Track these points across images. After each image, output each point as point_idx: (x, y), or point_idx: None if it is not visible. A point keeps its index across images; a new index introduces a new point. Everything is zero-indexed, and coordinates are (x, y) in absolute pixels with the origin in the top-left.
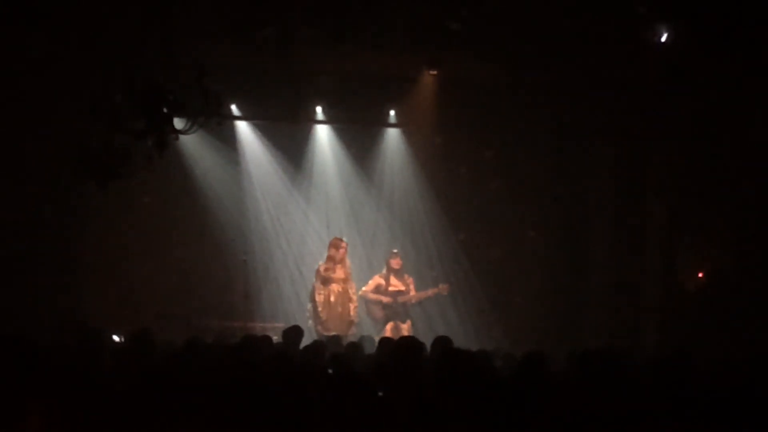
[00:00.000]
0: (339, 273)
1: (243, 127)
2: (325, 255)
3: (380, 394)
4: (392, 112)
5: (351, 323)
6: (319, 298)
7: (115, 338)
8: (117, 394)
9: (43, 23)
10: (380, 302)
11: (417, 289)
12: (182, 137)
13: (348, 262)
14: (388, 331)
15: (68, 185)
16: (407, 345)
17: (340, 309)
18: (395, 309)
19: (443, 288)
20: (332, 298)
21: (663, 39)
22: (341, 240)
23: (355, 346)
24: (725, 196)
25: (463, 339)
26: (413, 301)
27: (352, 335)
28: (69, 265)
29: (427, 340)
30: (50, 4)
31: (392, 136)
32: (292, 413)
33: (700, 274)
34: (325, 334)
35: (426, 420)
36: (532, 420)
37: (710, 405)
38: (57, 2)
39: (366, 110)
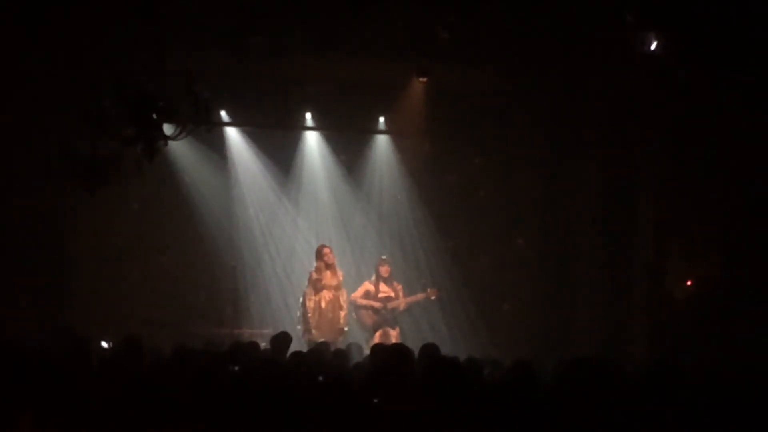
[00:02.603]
0: (331, 280)
1: (232, 134)
2: (314, 262)
3: (375, 401)
4: (381, 119)
5: (341, 330)
6: (310, 304)
7: (104, 344)
8: (105, 401)
9: (34, 29)
10: (370, 308)
11: (405, 297)
12: (171, 143)
13: (340, 270)
14: (377, 338)
15: (57, 191)
16: (399, 352)
17: (330, 316)
18: (384, 315)
19: (432, 292)
20: (323, 305)
21: (651, 47)
22: (324, 246)
23: (343, 354)
24: (714, 203)
25: (451, 347)
26: (402, 307)
27: (340, 342)
28: (57, 271)
29: (416, 348)
30: (41, 10)
31: (381, 143)
32: (279, 420)
33: (689, 282)
34: (314, 340)
35: (413, 427)
36: (520, 428)
37: (700, 413)
38: (47, 8)
39: (355, 117)
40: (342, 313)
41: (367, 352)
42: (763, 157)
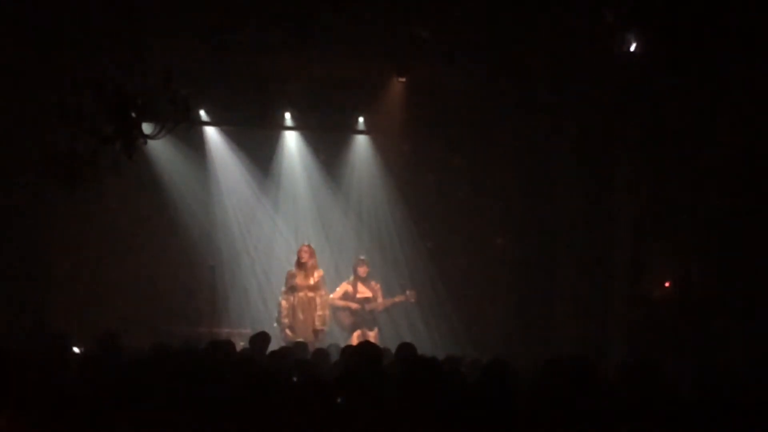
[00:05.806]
0: (304, 280)
1: (211, 133)
2: (293, 261)
3: (339, 400)
4: (361, 119)
5: (317, 331)
6: (284, 303)
7: (75, 350)
8: (82, 400)
9: (10, 26)
10: (348, 309)
11: (384, 296)
12: (150, 142)
13: (319, 271)
14: (354, 339)
15: (34, 189)
16: (364, 351)
17: (301, 316)
18: (363, 316)
19: (411, 294)
20: (296, 305)
21: (631, 46)
22: (303, 245)
23: (322, 353)
24: (694, 203)
25: (430, 346)
26: (380, 308)
27: (319, 343)
28: (34, 269)
29: (394, 348)
30: (18, 8)
31: (361, 142)
32: (255, 419)
33: (668, 282)
34: (291, 340)
35: (389, 427)
36: (497, 427)
37: (678, 412)
38: (24, 5)
39: (334, 117)
40: (316, 314)
41: None
42: (743, 157)
